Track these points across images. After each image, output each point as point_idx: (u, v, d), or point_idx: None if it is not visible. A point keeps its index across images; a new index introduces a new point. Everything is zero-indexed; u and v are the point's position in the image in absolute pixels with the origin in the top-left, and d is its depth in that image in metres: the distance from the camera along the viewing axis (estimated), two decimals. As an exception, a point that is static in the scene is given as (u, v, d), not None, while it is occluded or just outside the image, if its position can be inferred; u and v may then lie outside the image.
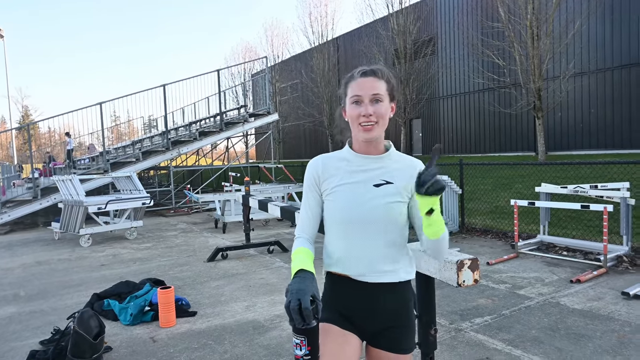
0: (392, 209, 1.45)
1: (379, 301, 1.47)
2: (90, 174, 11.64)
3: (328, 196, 1.51)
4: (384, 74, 1.45)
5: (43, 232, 10.18)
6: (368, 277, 1.46)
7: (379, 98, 1.42)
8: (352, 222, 1.44)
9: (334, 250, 1.51)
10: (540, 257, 5.79)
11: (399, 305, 1.50)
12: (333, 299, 1.52)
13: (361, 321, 1.49)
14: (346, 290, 1.50)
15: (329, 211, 1.50)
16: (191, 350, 3.43)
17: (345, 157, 1.53)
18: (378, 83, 1.43)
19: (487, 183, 11.02)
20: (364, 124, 1.41)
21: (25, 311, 4.54)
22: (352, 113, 1.44)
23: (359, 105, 1.42)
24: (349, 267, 1.48)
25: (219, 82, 13.73)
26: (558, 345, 3.24)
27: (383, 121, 1.43)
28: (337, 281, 1.52)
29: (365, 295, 1.47)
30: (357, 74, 1.45)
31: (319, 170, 1.53)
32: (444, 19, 21.86)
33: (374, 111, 1.41)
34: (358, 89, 1.42)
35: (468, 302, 4.20)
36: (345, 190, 1.47)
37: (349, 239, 1.46)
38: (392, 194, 1.46)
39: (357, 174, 1.49)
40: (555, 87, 16.39)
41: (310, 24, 28.56)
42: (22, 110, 58.11)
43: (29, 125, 13.77)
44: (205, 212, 12.70)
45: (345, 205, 1.45)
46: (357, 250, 1.46)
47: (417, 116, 23.27)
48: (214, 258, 6.48)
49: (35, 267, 6.57)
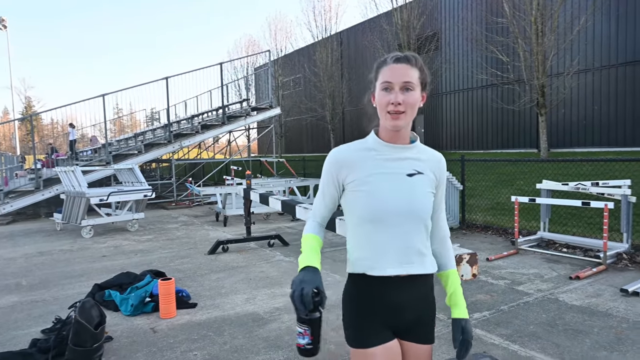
0: (426, 199, 1.43)
1: (411, 293, 1.43)
2: (92, 165, 11.68)
3: (357, 187, 1.42)
4: (417, 62, 1.40)
5: (45, 223, 10.23)
6: (400, 269, 1.40)
7: (410, 87, 1.36)
8: (388, 213, 1.38)
9: (360, 247, 1.43)
10: (540, 253, 5.80)
11: (425, 296, 1.47)
12: (363, 306, 1.44)
13: (395, 317, 1.44)
14: (378, 290, 1.42)
15: (358, 203, 1.41)
16: (191, 341, 3.46)
17: (372, 147, 1.46)
18: (411, 71, 1.37)
19: (488, 179, 11.01)
20: (392, 112, 1.36)
21: (27, 300, 4.58)
22: (382, 100, 1.38)
23: (389, 92, 1.37)
24: (380, 261, 1.40)
25: (221, 75, 13.72)
26: (556, 340, 3.26)
27: (412, 111, 1.38)
28: (366, 282, 1.43)
29: (397, 289, 1.42)
30: (390, 59, 1.40)
31: (341, 161, 1.45)
32: (448, 14, 21.74)
33: (404, 100, 1.35)
34: (389, 75, 1.36)
35: (467, 297, 4.22)
36: (378, 180, 1.40)
37: (381, 232, 1.39)
38: (425, 185, 1.44)
39: (390, 163, 1.43)
40: (559, 83, 16.32)
41: (314, 18, 28.44)
42: (25, 102, 58.16)
43: (31, 117, 13.80)
44: (206, 205, 12.74)
45: (382, 195, 1.38)
46: (390, 243, 1.39)
47: (419, 112, 23.18)
48: (214, 251, 6.51)
49: (37, 257, 6.62)
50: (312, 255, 1.41)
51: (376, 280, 1.41)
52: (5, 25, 28.34)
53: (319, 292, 1.28)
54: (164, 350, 3.32)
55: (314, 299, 1.27)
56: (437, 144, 22.79)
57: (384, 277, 1.40)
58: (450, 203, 7.80)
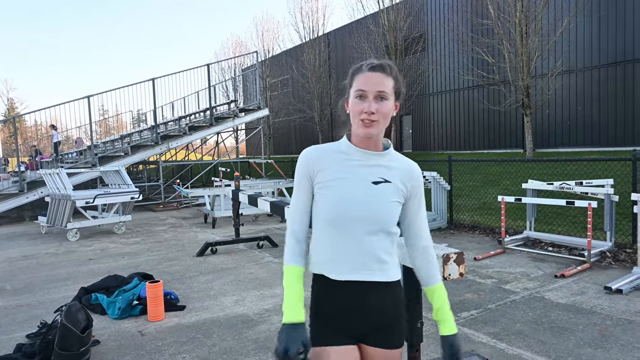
0: (389, 208, 1.41)
1: (369, 300, 1.42)
2: (77, 167, 11.52)
3: (321, 189, 1.43)
4: (392, 71, 1.39)
5: (29, 226, 10.06)
6: (359, 275, 1.40)
7: (384, 96, 1.36)
8: (348, 219, 1.38)
9: (324, 248, 1.44)
10: (527, 252, 5.87)
11: (389, 304, 1.45)
12: (322, 308, 1.45)
13: (352, 323, 1.43)
14: (336, 293, 1.42)
15: (322, 205, 1.42)
16: (180, 343, 3.44)
17: (342, 150, 1.46)
18: (386, 80, 1.37)
19: (475, 179, 11.13)
20: (365, 120, 1.35)
21: (12, 305, 4.50)
22: (355, 108, 1.37)
23: (363, 100, 1.36)
24: (340, 265, 1.41)
25: (208, 76, 13.65)
26: (542, 338, 3.31)
27: (385, 120, 1.38)
28: (327, 284, 1.44)
29: (356, 295, 1.41)
30: (366, 67, 1.39)
31: (313, 160, 1.45)
32: (434, 15, 21.94)
33: (378, 109, 1.34)
34: (364, 84, 1.36)
35: (455, 297, 4.26)
36: (342, 185, 1.40)
37: (341, 236, 1.39)
38: (390, 193, 1.42)
39: (356, 169, 1.43)
40: (544, 84, 16.58)
41: (302, 19, 28.47)
42: (7, 103, 57.14)
43: (14, 118, 13.56)
44: (194, 207, 12.65)
45: (343, 200, 1.38)
46: (350, 248, 1.39)
47: (407, 112, 23.37)
48: (203, 253, 6.47)
49: (21, 261, 6.50)
50: (294, 302, 1.39)
51: (335, 284, 1.41)
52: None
53: (304, 346, 1.33)
54: (152, 353, 3.29)
55: (299, 355, 1.31)
56: (424, 144, 22.97)
57: (342, 281, 1.40)
58: (438, 203, 7.87)
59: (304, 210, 1.49)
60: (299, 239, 1.48)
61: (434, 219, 7.84)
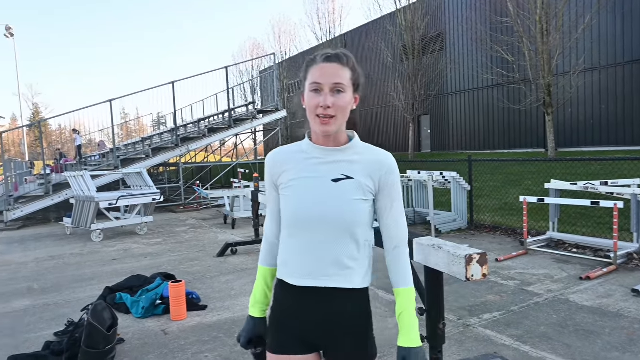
0: (351, 207, 1.29)
1: (327, 308, 1.32)
2: (101, 170, 11.77)
3: (283, 191, 1.37)
4: (349, 61, 1.30)
5: (55, 228, 10.32)
6: (315, 280, 1.31)
7: (341, 88, 1.26)
8: (303, 220, 1.30)
9: (285, 251, 1.37)
10: (550, 254, 5.77)
11: (350, 313, 1.33)
12: (278, 313, 1.39)
13: (308, 331, 1.34)
14: (292, 298, 1.35)
15: (283, 208, 1.36)
16: (202, 342, 3.49)
17: (302, 149, 1.39)
18: (342, 71, 1.27)
19: (496, 180, 10.98)
20: (322, 115, 1.26)
21: (40, 304, 4.63)
22: (310, 102, 1.28)
23: (318, 94, 1.26)
24: (297, 269, 1.33)
25: (227, 79, 13.80)
26: (567, 341, 3.25)
27: (343, 114, 1.28)
28: (286, 289, 1.37)
29: (313, 302, 1.32)
30: (320, 57, 1.29)
31: (274, 163, 1.40)
32: (452, 14, 21.72)
33: (334, 102, 1.25)
34: (318, 76, 1.26)
35: (476, 298, 4.21)
36: (299, 185, 1.33)
37: (299, 239, 1.32)
38: (351, 191, 1.30)
39: (314, 167, 1.34)
40: (565, 82, 16.24)
41: (318, 21, 28.55)
42: (32, 108, 58.73)
43: (40, 123, 13.96)
44: (214, 208, 12.79)
45: (298, 201, 1.31)
46: (308, 251, 1.31)
47: (425, 112, 23.18)
48: (223, 253, 6.54)
49: (48, 262, 6.68)
50: (255, 298, 1.48)
51: (292, 289, 1.35)
52: (12, 33, 28.68)
53: (262, 339, 1.46)
54: (175, 352, 3.34)
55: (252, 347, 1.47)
56: (443, 144, 22.75)
57: (299, 286, 1.33)
58: (458, 203, 7.79)
59: (273, 213, 1.45)
60: (270, 240, 1.47)
61: (454, 219, 7.76)
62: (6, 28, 28.45)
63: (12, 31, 28.63)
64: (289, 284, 1.35)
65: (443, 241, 1.95)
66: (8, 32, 28.54)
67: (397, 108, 22.80)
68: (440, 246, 1.91)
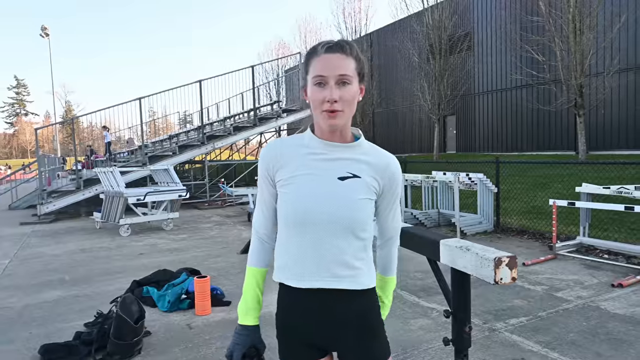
0: (358, 206, 1.24)
1: (336, 310, 1.26)
2: (129, 166, 12.07)
3: (282, 187, 1.28)
4: (352, 50, 1.22)
5: (85, 222, 10.64)
6: (323, 282, 1.24)
7: (346, 80, 1.19)
8: (310, 219, 1.22)
9: (285, 252, 1.29)
10: (580, 259, 5.60)
11: (361, 313, 1.29)
12: (284, 319, 1.33)
13: (318, 335, 1.29)
14: (298, 302, 1.28)
15: (283, 205, 1.27)
16: (226, 338, 3.53)
17: (305, 143, 1.30)
18: (346, 61, 1.19)
19: (524, 182, 10.72)
20: (328, 110, 1.19)
21: (71, 295, 4.78)
22: (315, 97, 1.20)
23: (323, 87, 1.19)
24: (302, 271, 1.26)
25: (253, 78, 13.93)
26: (597, 350, 3.15)
27: (350, 107, 1.22)
28: (290, 293, 1.29)
29: (320, 305, 1.26)
30: (322, 48, 1.21)
31: (272, 156, 1.30)
32: (480, 13, 21.34)
33: (341, 96, 1.18)
34: (322, 68, 1.18)
35: (502, 303, 4.13)
36: (303, 182, 1.25)
37: (302, 239, 1.24)
38: (359, 190, 1.25)
39: (319, 163, 1.26)
40: (599, 83, 15.74)
41: (344, 20, 28.51)
42: (65, 106, 60.68)
43: (73, 120, 14.39)
44: (238, 206, 12.94)
45: (303, 198, 1.23)
46: (313, 252, 1.24)
47: (451, 113, 22.85)
48: (247, 250, 6.59)
49: (78, 254, 6.89)
50: (247, 304, 1.36)
51: (297, 292, 1.27)
52: (47, 33, 29.68)
53: (256, 350, 1.33)
54: (200, 346, 3.40)
55: (250, 358, 1.32)
56: (469, 145, 22.38)
57: (304, 289, 1.26)
58: (483, 206, 7.65)
59: (266, 209, 1.36)
60: (262, 239, 1.38)
61: (479, 222, 7.63)
62: (42, 28, 29.47)
63: (47, 31, 29.63)
64: (293, 287, 1.28)
65: (471, 243, 1.92)
66: (43, 32, 29.55)
67: (422, 108, 22.56)
68: (468, 248, 1.88)
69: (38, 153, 12.20)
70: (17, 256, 6.91)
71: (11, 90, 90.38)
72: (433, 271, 2.14)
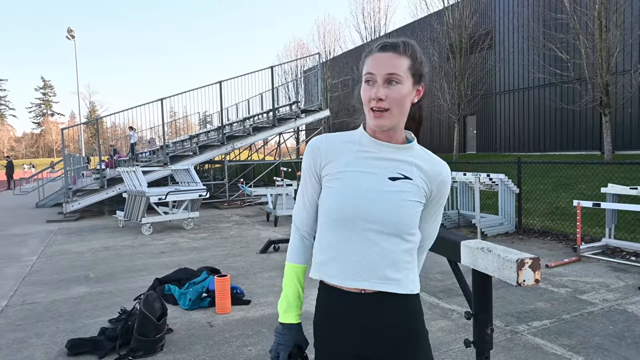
0: (408, 208, 1.20)
1: (380, 315, 1.22)
2: (151, 166, 12.28)
3: (329, 182, 1.25)
4: (407, 49, 1.18)
5: (108, 220, 10.87)
6: (367, 283, 1.20)
7: (395, 79, 1.15)
8: (357, 216, 1.19)
9: (327, 248, 1.24)
10: (605, 261, 5.47)
11: (405, 320, 1.24)
12: (323, 321, 1.28)
13: (359, 341, 1.23)
14: (339, 303, 1.24)
15: (328, 199, 1.23)
16: (246, 336, 3.57)
17: (356, 140, 1.27)
18: (397, 60, 1.16)
19: (546, 183, 10.52)
20: (375, 108, 1.17)
21: (95, 292, 4.89)
22: (364, 94, 1.20)
23: (371, 85, 1.18)
24: (344, 269, 1.21)
25: (272, 78, 14.00)
26: (625, 354, 3.07)
27: (400, 108, 1.17)
28: (332, 293, 1.25)
29: (363, 308, 1.22)
30: (376, 47, 1.20)
31: (321, 150, 1.27)
32: (502, 11, 21.01)
33: (387, 95, 1.15)
34: (372, 66, 1.17)
35: (525, 305, 4.06)
36: (353, 178, 1.22)
37: (349, 236, 1.20)
38: (410, 191, 1.21)
39: (370, 161, 1.24)
40: (625, 81, 15.31)
41: (363, 20, 28.45)
42: (89, 106, 62.13)
43: (97, 120, 14.72)
44: (257, 206, 13.04)
45: (351, 194, 1.20)
46: (359, 250, 1.20)
47: (471, 112, 22.56)
48: (266, 250, 6.65)
49: (102, 252, 7.05)
50: (288, 302, 1.31)
51: (338, 293, 1.23)
52: (73, 35, 30.42)
53: (300, 348, 1.30)
54: (220, 344, 3.44)
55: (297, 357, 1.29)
56: (490, 145, 22.05)
57: (346, 290, 1.22)
58: (505, 207, 7.54)
59: (309, 205, 1.32)
60: (302, 234, 1.34)
61: (500, 223, 7.51)
62: (68, 30, 30.22)
63: (73, 33, 30.37)
64: (331, 285, 1.24)
65: (492, 244, 1.90)
66: (69, 34, 30.30)
67: (442, 108, 22.33)
68: (490, 249, 1.86)
69: (64, 153, 12.51)
70: (44, 253, 7.11)
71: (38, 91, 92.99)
72: (454, 272, 2.12)
